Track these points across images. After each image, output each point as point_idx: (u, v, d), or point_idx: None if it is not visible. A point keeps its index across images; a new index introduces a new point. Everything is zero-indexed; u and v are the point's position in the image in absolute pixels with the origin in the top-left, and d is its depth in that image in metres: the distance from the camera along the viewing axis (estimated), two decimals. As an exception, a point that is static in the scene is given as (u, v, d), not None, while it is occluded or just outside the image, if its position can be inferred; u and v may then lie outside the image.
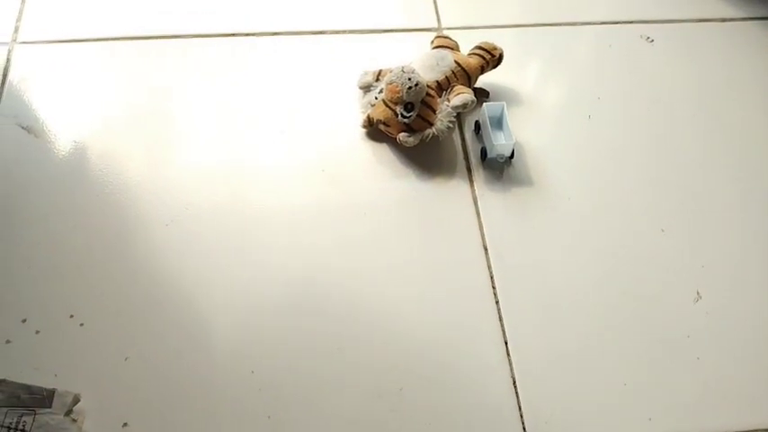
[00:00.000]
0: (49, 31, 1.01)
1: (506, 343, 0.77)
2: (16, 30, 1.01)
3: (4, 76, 0.96)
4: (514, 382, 0.75)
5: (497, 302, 0.80)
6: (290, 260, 0.82)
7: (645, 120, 0.98)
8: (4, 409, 0.67)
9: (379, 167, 0.91)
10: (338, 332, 0.77)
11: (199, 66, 0.99)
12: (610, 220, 0.88)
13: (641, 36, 1.08)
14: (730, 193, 0.92)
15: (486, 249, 0.84)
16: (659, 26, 1.10)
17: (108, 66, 0.99)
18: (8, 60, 0.97)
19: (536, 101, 0.99)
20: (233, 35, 1.03)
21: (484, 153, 0.92)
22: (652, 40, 1.08)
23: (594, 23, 1.09)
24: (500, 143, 0.90)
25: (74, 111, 0.93)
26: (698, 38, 1.09)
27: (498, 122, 0.93)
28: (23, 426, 0.66)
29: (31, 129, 0.91)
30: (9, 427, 0.66)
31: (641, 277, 0.84)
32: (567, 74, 1.04)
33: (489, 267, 0.83)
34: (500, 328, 0.78)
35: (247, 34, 1.03)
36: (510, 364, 0.76)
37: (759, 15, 1.12)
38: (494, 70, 0.97)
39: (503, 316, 0.79)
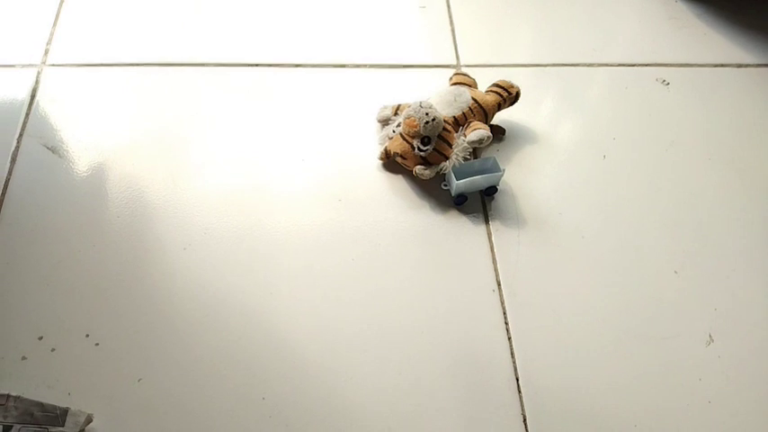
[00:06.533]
0: (78, 54, 1.04)
1: (518, 380, 0.77)
2: (46, 52, 1.04)
3: (33, 97, 0.98)
4: (525, 420, 0.75)
5: (510, 339, 0.80)
6: (305, 288, 0.83)
7: (660, 161, 0.99)
8: (18, 426, 0.67)
9: (395, 199, 0.92)
10: (349, 360, 0.77)
11: (223, 94, 1.02)
12: (623, 259, 0.89)
13: (657, 79, 1.10)
14: (744, 237, 0.92)
15: (499, 285, 0.85)
16: (675, 70, 1.12)
17: (133, 91, 1.01)
18: (37, 82, 1.00)
19: (552, 139, 1.01)
20: (257, 65, 1.05)
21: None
22: (668, 84, 1.09)
23: (611, 65, 1.11)
24: (452, 184, 0.90)
25: (98, 133, 0.95)
26: (713, 82, 1.11)
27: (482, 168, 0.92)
28: (35, 443, 0.66)
29: (55, 149, 0.93)
30: (21, 445, 0.66)
31: (654, 319, 0.84)
32: (583, 114, 1.05)
33: (502, 303, 0.83)
34: (512, 365, 0.78)
35: (271, 65, 1.06)
36: (521, 401, 0.76)
37: (774, 62, 1.14)
38: (510, 108, 0.99)
39: (515, 352, 0.79)
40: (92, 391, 0.73)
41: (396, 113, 0.98)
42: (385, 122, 0.99)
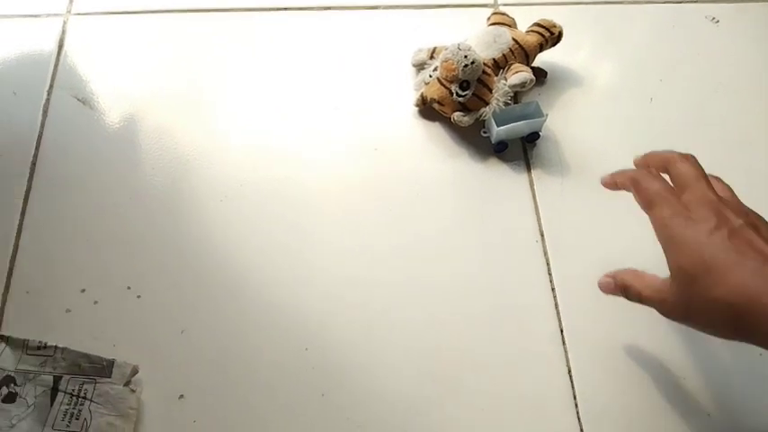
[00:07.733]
0: (103, 2, 1.01)
1: (562, 331, 0.76)
2: (71, 1, 1.01)
3: (60, 47, 0.96)
4: (570, 372, 0.74)
5: (553, 290, 0.79)
6: (343, 237, 0.82)
7: (709, 104, 0.95)
8: (67, 377, 0.68)
9: (432, 147, 0.90)
10: (390, 310, 0.77)
11: (254, 40, 0.98)
12: (670, 207, 0.86)
13: (706, 16, 1.04)
14: (797, 183, 0.88)
15: (542, 235, 0.82)
16: (725, 6, 1.05)
17: (163, 38, 0.98)
18: (63, 32, 0.98)
19: (595, 82, 0.96)
20: (285, 9, 1.02)
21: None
22: (717, 21, 1.04)
23: (657, 2, 1.05)
24: (492, 131, 0.87)
25: (128, 83, 0.94)
26: (766, 19, 1.04)
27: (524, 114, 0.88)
28: (85, 393, 0.67)
29: (86, 101, 0.91)
30: (72, 394, 0.67)
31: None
32: (628, 54, 1.00)
33: (545, 254, 0.81)
34: (556, 317, 0.77)
35: (299, 8, 1.02)
36: (566, 354, 0.75)
37: (833, -5, 1.07)
38: (552, 49, 0.94)
39: (558, 304, 0.78)
40: (136, 343, 0.73)
41: (432, 57, 0.94)
42: (420, 67, 0.95)
